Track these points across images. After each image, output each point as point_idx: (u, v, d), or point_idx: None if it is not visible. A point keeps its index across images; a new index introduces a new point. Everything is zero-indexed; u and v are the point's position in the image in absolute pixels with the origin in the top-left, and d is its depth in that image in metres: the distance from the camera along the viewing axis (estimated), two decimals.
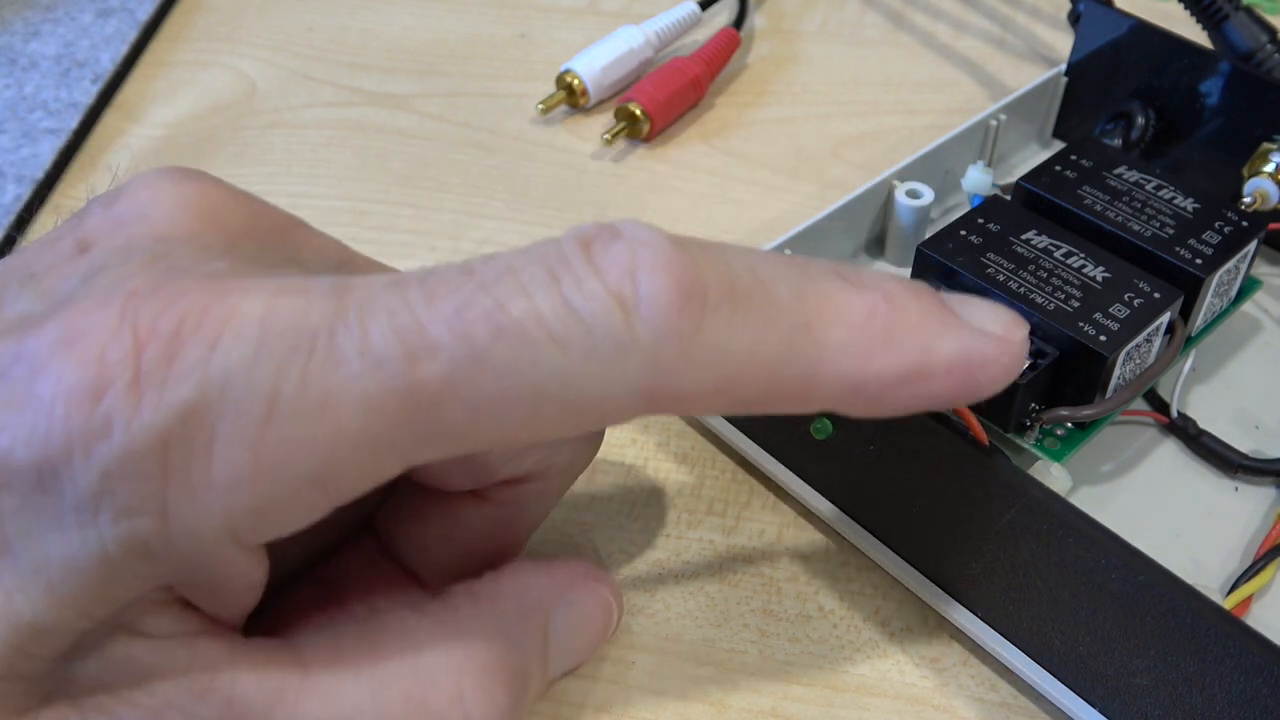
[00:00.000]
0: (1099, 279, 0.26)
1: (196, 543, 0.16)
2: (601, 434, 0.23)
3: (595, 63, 0.37)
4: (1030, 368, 0.24)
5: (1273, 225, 0.28)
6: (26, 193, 0.34)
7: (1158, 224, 0.27)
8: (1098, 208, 0.27)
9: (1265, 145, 0.29)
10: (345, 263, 0.20)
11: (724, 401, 0.17)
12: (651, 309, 0.16)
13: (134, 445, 0.15)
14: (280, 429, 0.15)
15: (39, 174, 0.35)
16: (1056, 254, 0.26)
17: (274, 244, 0.18)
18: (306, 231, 0.19)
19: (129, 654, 0.17)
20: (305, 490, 0.16)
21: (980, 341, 0.18)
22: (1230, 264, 0.27)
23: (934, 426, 0.21)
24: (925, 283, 0.18)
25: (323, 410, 0.15)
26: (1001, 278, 0.26)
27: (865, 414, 0.18)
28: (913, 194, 0.30)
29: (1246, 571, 0.24)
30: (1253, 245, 0.27)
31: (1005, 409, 0.25)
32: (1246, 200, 0.29)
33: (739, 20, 0.40)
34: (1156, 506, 0.26)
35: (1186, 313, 0.26)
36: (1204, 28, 0.34)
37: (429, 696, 0.18)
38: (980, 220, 0.27)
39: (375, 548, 0.22)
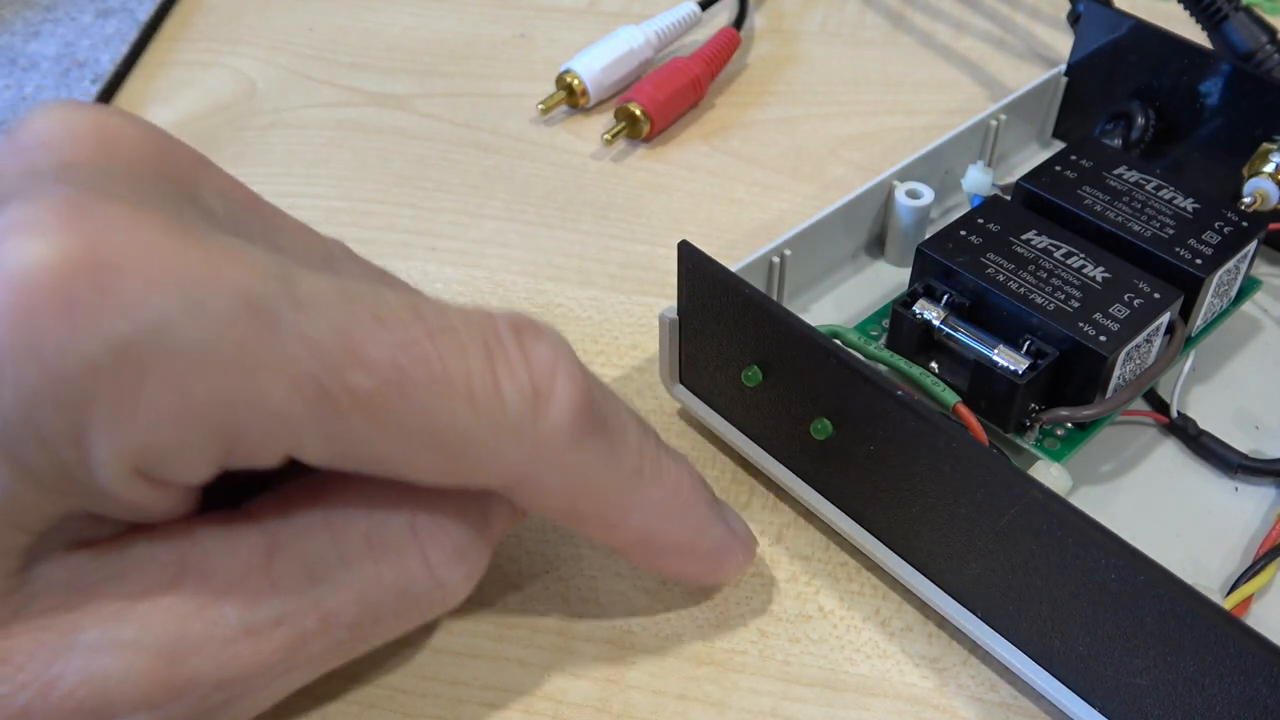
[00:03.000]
0: (1099, 279, 0.26)
1: (106, 476, 0.16)
2: None
3: (595, 63, 0.37)
4: (1030, 368, 0.24)
5: (1273, 225, 0.28)
6: None
7: (1158, 224, 0.27)
8: (1098, 208, 0.27)
9: (1265, 145, 0.29)
10: (250, 208, 0.20)
11: (558, 507, 0.20)
12: (558, 410, 0.18)
13: (63, 371, 0.15)
14: (209, 382, 0.16)
15: None
16: (1056, 254, 0.26)
17: (176, 179, 0.18)
18: (212, 171, 0.19)
19: (88, 559, 0.18)
20: (212, 444, 0.16)
21: (733, 540, 0.23)
22: (1230, 264, 0.27)
23: (934, 427, 0.21)
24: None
25: (252, 376, 0.16)
26: (1001, 278, 0.26)
27: (633, 563, 0.23)
28: (913, 194, 0.30)
29: (1246, 571, 0.24)
30: (1253, 245, 0.27)
31: (1005, 409, 0.25)
32: (1246, 200, 0.29)
33: (739, 20, 0.40)
34: (1156, 506, 0.26)
35: (1186, 313, 0.26)
36: (1204, 28, 0.34)
37: (386, 535, 0.19)
38: (980, 220, 0.27)
39: None
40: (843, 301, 0.30)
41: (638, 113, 0.36)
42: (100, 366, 0.15)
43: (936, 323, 0.26)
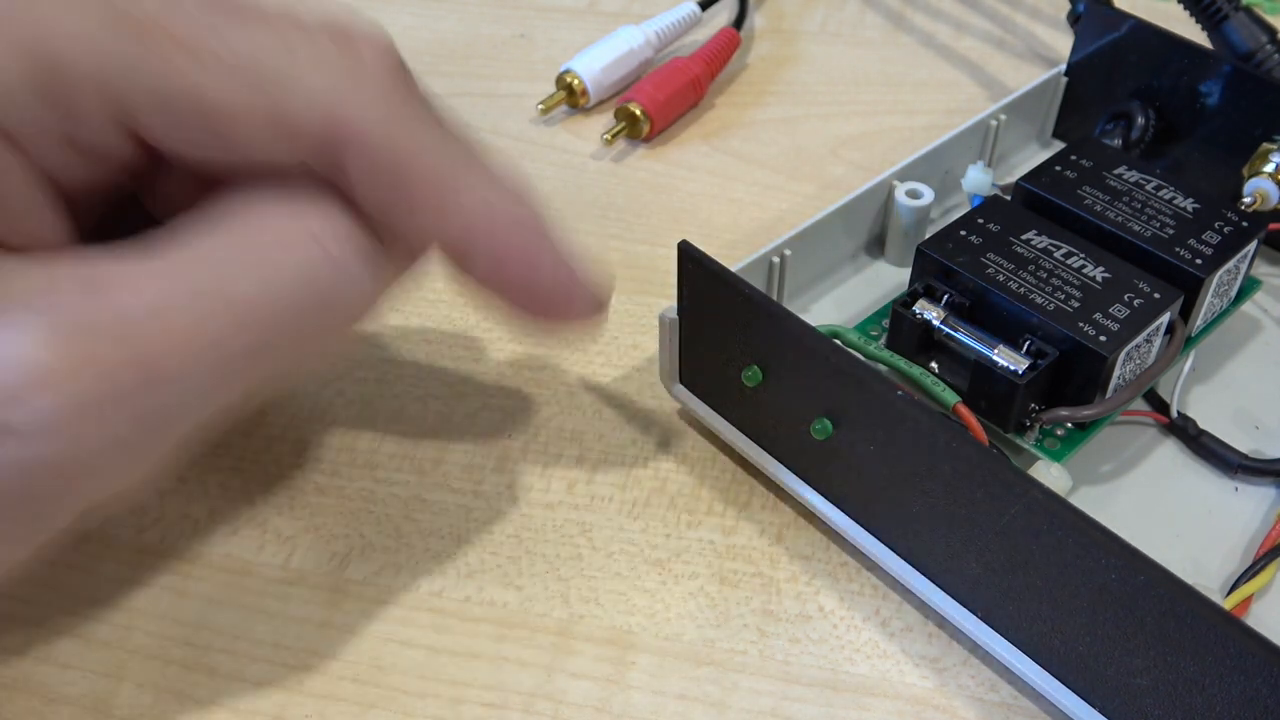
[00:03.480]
0: (1099, 279, 0.26)
1: None
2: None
3: (595, 63, 0.37)
4: (1030, 368, 0.24)
5: (1273, 225, 0.28)
6: None
7: (1158, 224, 0.27)
8: (1098, 208, 0.27)
9: (1265, 145, 0.29)
10: None
11: (387, 167, 0.19)
12: (369, 45, 0.19)
13: None
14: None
15: None
16: (1056, 254, 0.26)
17: None
18: None
19: None
20: (29, 70, 0.17)
21: (574, 269, 0.21)
22: (1230, 264, 0.27)
23: (934, 427, 0.21)
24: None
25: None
26: (1001, 278, 0.26)
27: (471, 279, 0.21)
28: (913, 194, 0.30)
29: (1246, 571, 0.24)
30: (1253, 245, 0.27)
31: (1005, 409, 0.25)
32: (1246, 200, 0.29)
33: (739, 20, 0.40)
34: (1156, 506, 0.26)
35: (1186, 313, 0.26)
36: (1204, 28, 0.34)
37: (269, 222, 0.19)
38: (980, 220, 0.27)
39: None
40: (843, 301, 0.30)
41: (638, 113, 0.36)
42: None
43: (936, 323, 0.26)
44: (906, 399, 0.21)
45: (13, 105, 0.17)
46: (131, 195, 0.21)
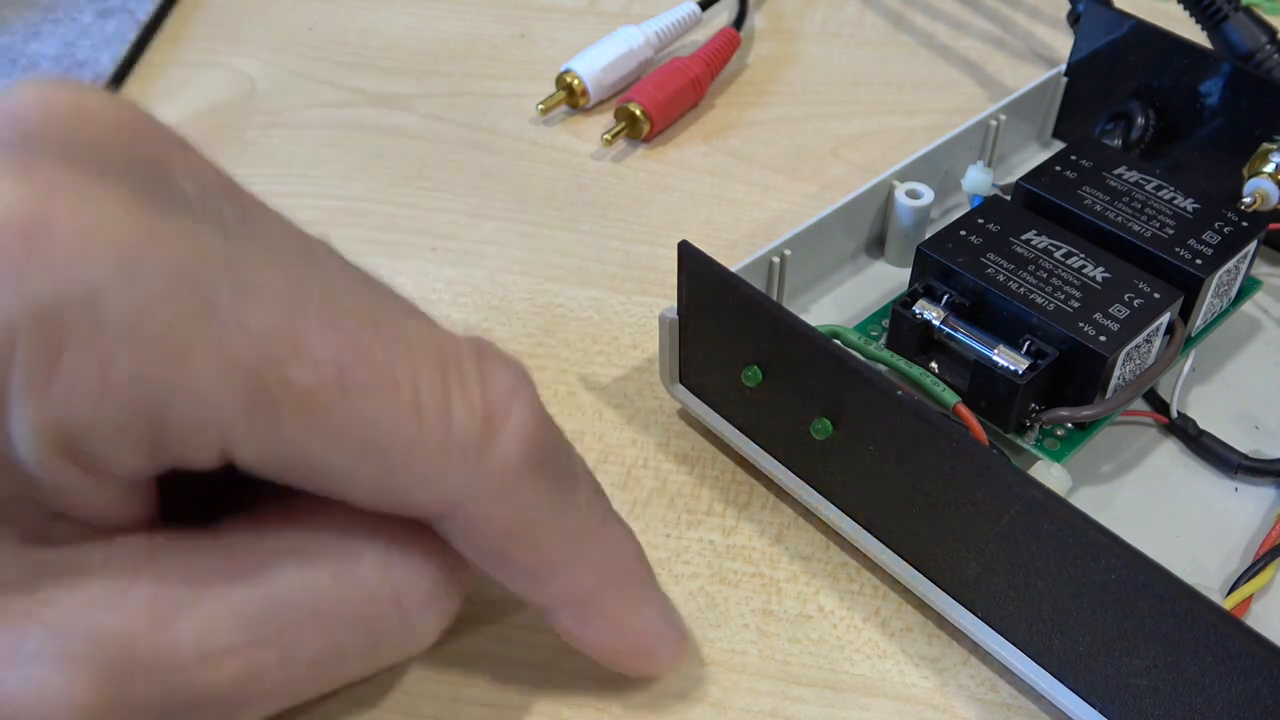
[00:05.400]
0: (1099, 279, 0.26)
1: (28, 449, 0.15)
2: None
3: (595, 63, 0.37)
4: (1030, 368, 0.24)
5: (1273, 225, 0.28)
6: None
7: (1158, 224, 0.27)
8: (1098, 208, 0.27)
9: (1265, 145, 0.29)
10: (227, 195, 0.19)
11: (490, 548, 0.18)
12: (509, 439, 0.17)
13: None
14: (134, 357, 0.15)
15: None
16: (1056, 254, 0.26)
17: (148, 159, 0.17)
18: (190, 155, 0.19)
19: (42, 559, 0.17)
20: (136, 425, 0.16)
21: (667, 628, 0.21)
22: (1230, 264, 0.27)
23: (934, 427, 0.21)
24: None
25: (183, 357, 0.15)
26: (1001, 278, 0.26)
27: (557, 630, 0.20)
28: (913, 194, 0.30)
29: (1246, 571, 0.24)
30: (1253, 245, 0.27)
31: (1005, 409, 0.25)
32: (1246, 200, 0.29)
33: (739, 20, 0.40)
34: (1156, 506, 0.26)
35: (1186, 313, 0.26)
36: (1204, 28, 0.34)
37: (356, 570, 0.18)
38: (980, 220, 0.27)
39: None
40: (843, 301, 0.30)
41: (638, 113, 0.36)
42: (18, 328, 0.15)
43: (936, 323, 0.26)
44: (906, 399, 0.21)
45: (119, 454, 0.16)
46: None
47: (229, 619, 0.17)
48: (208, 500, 0.19)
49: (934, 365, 0.26)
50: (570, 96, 0.37)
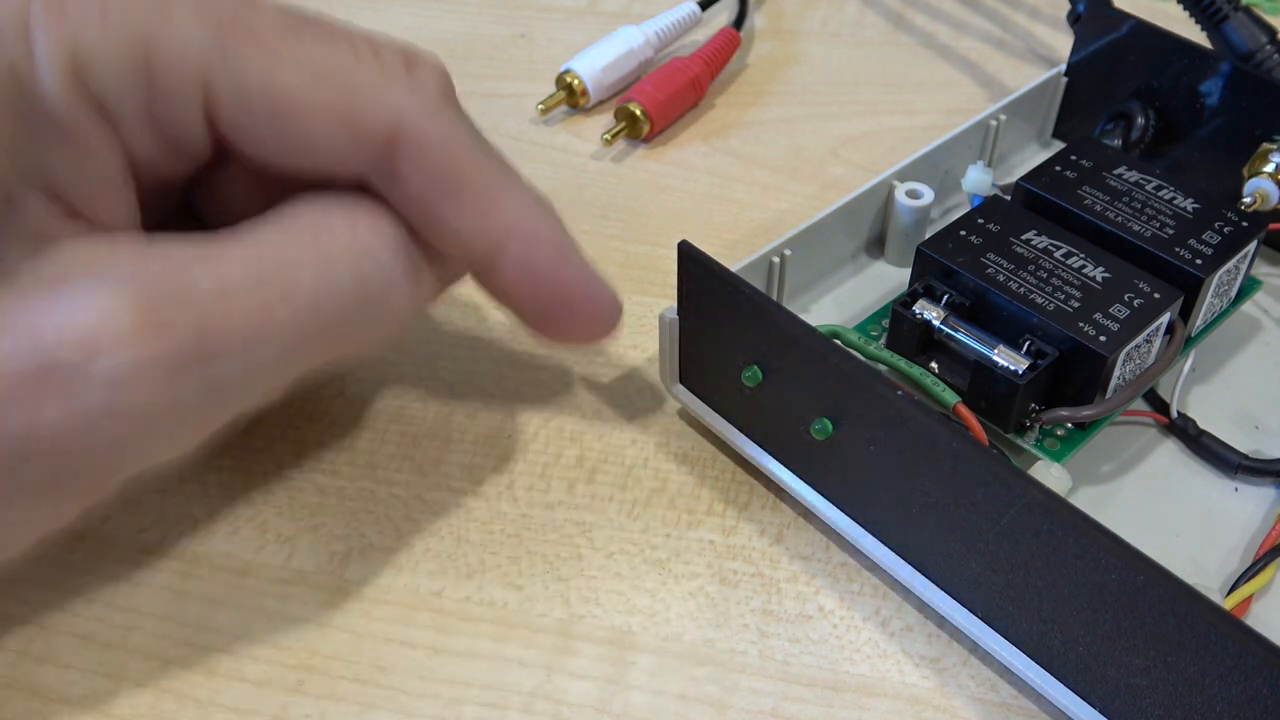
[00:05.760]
0: (1099, 279, 0.26)
1: (48, 75, 0.19)
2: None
3: (595, 63, 0.37)
4: (1030, 368, 0.24)
5: (1273, 225, 0.28)
6: None
7: (1158, 224, 0.27)
8: (1098, 208, 0.27)
9: (1265, 145, 0.29)
10: None
11: (441, 168, 0.21)
12: (428, 69, 0.22)
13: None
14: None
15: None
16: (1056, 254, 0.26)
17: None
18: None
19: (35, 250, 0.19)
20: (132, 54, 0.19)
21: (599, 284, 0.24)
22: (1230, 264, 0.27)
23: (934, 427, 0.21)
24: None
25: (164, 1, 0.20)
26: (1001, 278, 0.26)
27: (505, 293, 0.23)
28: (913, 194, 0.30)
29: (1246, 571, 0.24)
30: (1253, 245, 0.27)
31: (1005, 409, 0.25)
32: (1246, 200, 0.29)
33: (739, 20, 0.40)
34: (1156, 506, 0.26)
35: (1186, 313, 0.26)
36: (1204, 28, 0.34)
37: (330, 226, 0.21)
38: (980, 220, 0.27)
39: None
40: (843, 301, 0.30)
41: (638, 113, 0.36)
42: None
43: (936, 323, 0.26)
44: (906, 399, 0.21)
45: (119, 83, 0.20)
46: (185, 204, 0.24)
47: (234, 265, 0.19)
48: None
49: (934, 365, 0.26)
50: (570, 96, 0.37)
